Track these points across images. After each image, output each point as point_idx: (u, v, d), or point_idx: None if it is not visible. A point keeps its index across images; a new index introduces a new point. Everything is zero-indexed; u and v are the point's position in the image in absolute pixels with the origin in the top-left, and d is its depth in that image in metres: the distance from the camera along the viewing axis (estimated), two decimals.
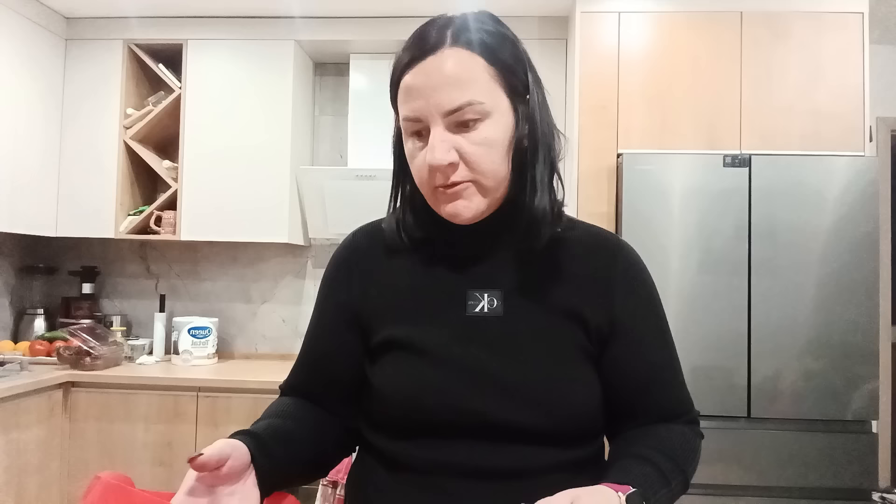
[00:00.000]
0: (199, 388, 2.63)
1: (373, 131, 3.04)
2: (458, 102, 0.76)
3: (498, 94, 0.79)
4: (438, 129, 0.77)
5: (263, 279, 3.30)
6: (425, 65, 0.77)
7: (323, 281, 0.95)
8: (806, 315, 2.33)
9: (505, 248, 0.86)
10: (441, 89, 0.76)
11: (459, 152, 0.78)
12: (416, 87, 0.78)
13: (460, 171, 0.79)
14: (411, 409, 0.81)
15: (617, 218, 2.52)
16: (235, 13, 2.99)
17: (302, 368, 0.94)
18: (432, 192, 0.82)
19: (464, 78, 0.77)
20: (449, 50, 0.77)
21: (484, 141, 0.78)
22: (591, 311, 0.84)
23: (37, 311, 3.15)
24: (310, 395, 0.92)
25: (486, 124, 0.78)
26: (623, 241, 0.91)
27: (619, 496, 0.69)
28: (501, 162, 0.80)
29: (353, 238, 0.94)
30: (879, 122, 3.19)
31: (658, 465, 0.78)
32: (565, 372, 0.81)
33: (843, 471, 2.28)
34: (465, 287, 0.85)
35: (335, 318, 0.91)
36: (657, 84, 2.59)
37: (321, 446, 0.88)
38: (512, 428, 0.79)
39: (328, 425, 0.90)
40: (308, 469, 0.87)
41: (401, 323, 0.85)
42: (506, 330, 0.82)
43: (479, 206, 0.81)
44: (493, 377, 0.80)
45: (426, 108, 0.77)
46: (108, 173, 3.01)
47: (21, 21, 2.79)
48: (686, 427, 0.87)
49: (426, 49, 0.78)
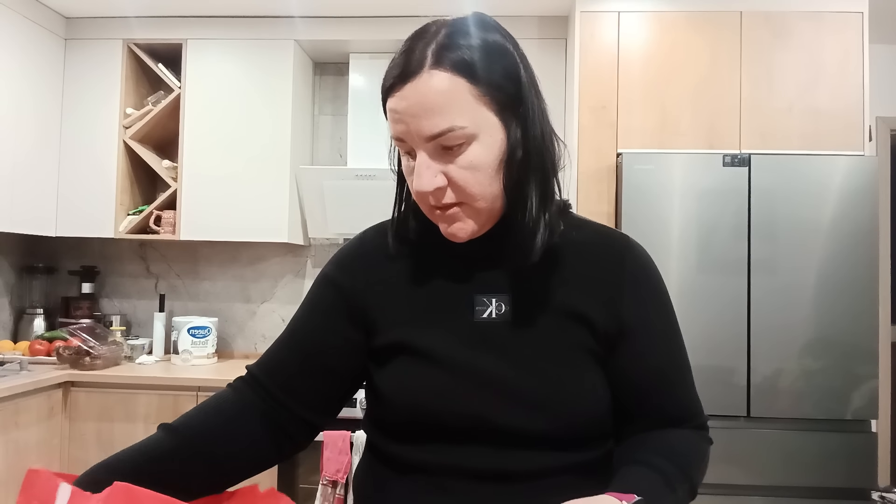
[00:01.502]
0: (198, 388, 2.63)
1: (373, 131, 3.04)
2: (438, 129, 0.74)
3: (483, 114, 0.76)
4: (423, 155, 0.76)
5: (263, 279, 3.30)
6: (406, 90, 0.75)
7: (323, 275, 0.92)
8: (805, 314, 2.33)
9: (511, 254, 0.84)
10: (422, 116, 0.74)
11: (447, 176, 0.77)
12: (399, 111, 0.76)
13: (449, 194, 0.78)
14: (419, 415, 0.80)
15: (616, 218, 2.52)
16: (235, 13, 2.98)
17: (282, 359, 0.89)
18: (430, 211, 0.82)
19: (444, 103, 0.74)
20: (428, 73, 0.74)
21: (470, 165, 0.76)
22: (599, 313, 0.83)
23: (36, 311, 3.15)
24: (277, 383, 0.87)
25: (473, 147, 0.76)
26: (632, 240, 0.89)
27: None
28: (490, 182, 0.78)
29: (361, 237, 0.94)
30: (879, 121, 3.19)
31: (663, 471, 0.76)
32: (574, 376, 0.80)
33: (842, 470, 2.28)
34: (472, 292, 0.84)
35: (335, 315, 0.88)
36: (657, 84, 2.59)
37: (211, 464, 0.83)
38: (520, 432, 0.78)
39: (246, 432, 0.85)
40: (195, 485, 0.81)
41: (407, 327, 0.84)
42: (513, 335, 0.82)
43: (474, 226, 0.81)
44: (500, 382, 0.79)
45: (409, 133, 0.76)
46: (107, 173, 3.01)
47: (21, 21, 2.79)
48: (694, 432, 0.85)
49: (408, 72, 0.75)
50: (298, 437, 0.89)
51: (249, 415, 0.86)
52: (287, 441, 0.88)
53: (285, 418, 0.87)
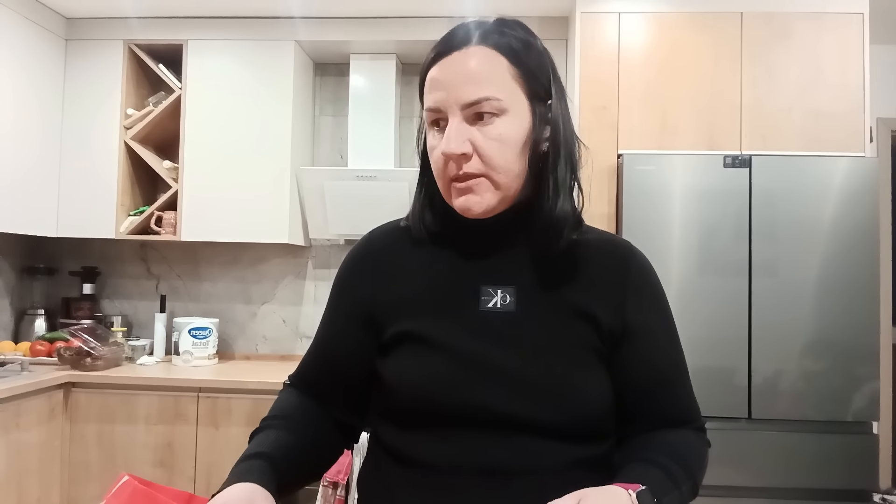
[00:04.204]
0: (199, 389, 2.63)
1: (373, 132, 3.05)
2: (476, 96, 0.79)
3: (517, 94, 0.82)
4: (456, 119, 0.81)
5: (264, 280, 3.30)
6: (450, 59, 0.81)
7: (336, 280, 0.96)
8: (806, 315, 2.33)
9: (520, 246, 0.87)
10: (462, 83, 0.80)
11: (474, 145, 0.80)
12: (440, 79, 0.81)
13: (473, 163, 0.81)
14: (421, 401, 0.82)
15: (617, 219, 2.52)
16: (236, 13, 2.99)
17: (311, 366, 0.96)
18: (447, 184, 0.84)
19: (485, 74, 0.80)
20: (475, 48, 0.81)
21: (499, 136, 0.80)
22: (603, 312, 0.84)
23: (37, 312, 3.15)
24: (314, 390, 0.94)
25: (503, 120, 0.81)
26: (635, 247, 0.93)
27: (629, 493, 0.69)
28: (515, 160, 0.82)
29: (368, 238, 0.96)
30: (880, 122, 3.19)
31: (667, 468, 0.78)
32: (576, 367, 0.82)
33: (843, 472, 2.28)
34: (478, 283, 0.86)
35: (348, 319, 0.92)
36: (657, 84, 2.59)
37: (319, 457, 0.91)
38: (520, 421, 0.79)
39: (326, 426, 0.92)
40: (306, 481, 0.89)
41: (413, 316, 0.86)
42: (518, 325, 0.83)
43: (491, 201, 0.83)
44: (503, 371, 0.81)
45: (446, 99, 0.81)
46: (108, 174, 3.01)
47: (21, 21, 2.79)
48: (694, 434, 0.88)
49: (453, 45, 0.82)
50: (345, 437, 0.95)
51: (317, 412, 0.92)
52: (342, 440, 0.95)
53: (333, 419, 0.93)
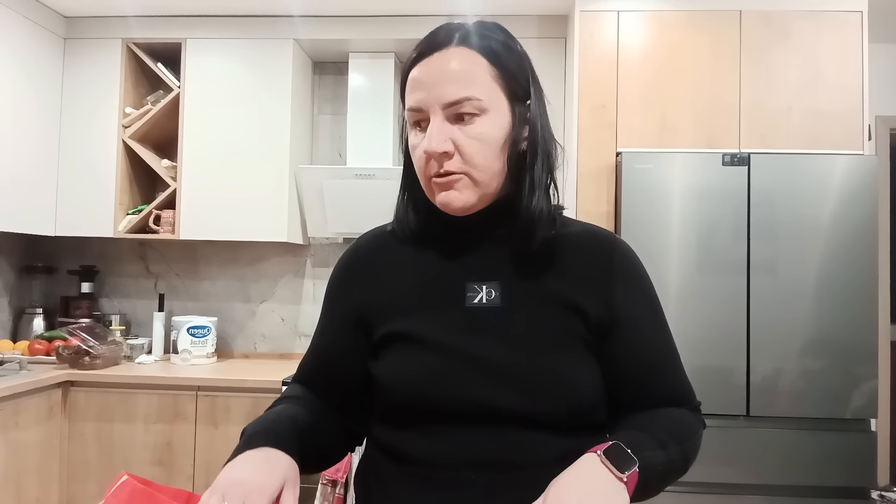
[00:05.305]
0: (198, 388, 2.63)
1: (372, 130, 3.05)
2: (457, 96, 0.81)
3: (497, 94, 0.83)
4: (437, 119, 0.82)
5: (262, 278, 3.30)
6: (431, 60, 0.83)
7: (327, 288, 0.98)
8: (805, 314, 2.33)
9: (502, 243, 0.89)
10: (443, 83, 0.81)
11: (455, 143, 0.82)
12: (421, 79, 0.83)
13: (454, 161, 0.82)
14: (413, 399, 0.83)
15: (616, 217, 2.52)
16: (234, 12, 2.98)
17: (309, 370, 0.98)
18: (428, 181, 0.85)
19: (465, 74, 0.82)
20: (456, 49, 0.83)
21: (479, 135, 0.82)
22: (590, 303, 0.85)
23: (36, 311, 3.15)
24: (315, 391, 0.95)
25: (483, 120, 0.82)
26: (618, 237, 0.94)
27: (598, 454, 0.72)
28: (495, 158, 0.84)
29: (355, 244, 0.99)
30: (879, 121, 3.19)
31: (651, 432, 0.79)
32: (565, 359, 0.83)
33: (841, 469, 2.28)
34: (463, 279, 0.87)
35: (340, 326, 0.94)
36: (656, 83, 2.59)
37: (328, 440, 0.92)
38: (512, 415, 0.80)
39: (333, 418, 0.93)
40: (318, 462, 0.91)
41: (401, 316, 0.87)
42: (504, 320, 0.84)
43: (470, 198, 0.84)
44: (492, 364, 0.82)
45: (428, 99, 0.82)
46: (106, 172, 3.01)
47: (20, 20, 2.79)
48: (687, 411, 0.89)
49: (434, 46, 0.84)
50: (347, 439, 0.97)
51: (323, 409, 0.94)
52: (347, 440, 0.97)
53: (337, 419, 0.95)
